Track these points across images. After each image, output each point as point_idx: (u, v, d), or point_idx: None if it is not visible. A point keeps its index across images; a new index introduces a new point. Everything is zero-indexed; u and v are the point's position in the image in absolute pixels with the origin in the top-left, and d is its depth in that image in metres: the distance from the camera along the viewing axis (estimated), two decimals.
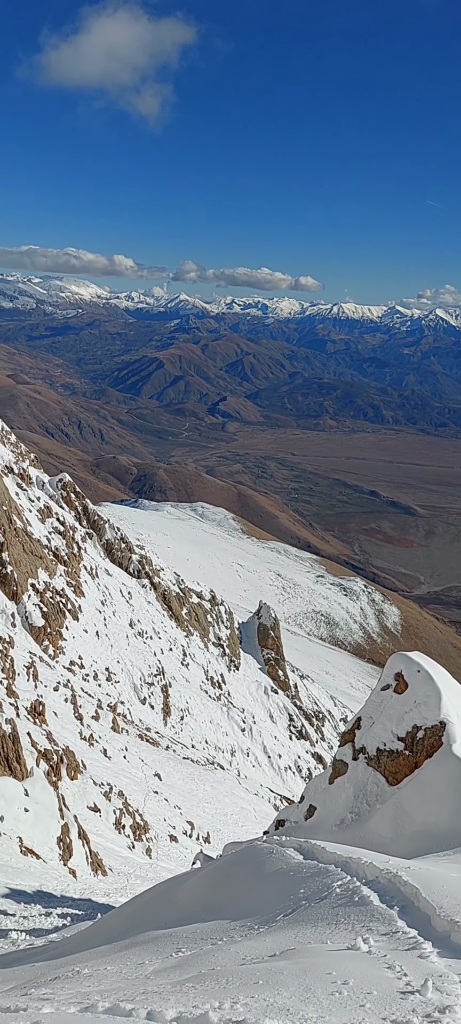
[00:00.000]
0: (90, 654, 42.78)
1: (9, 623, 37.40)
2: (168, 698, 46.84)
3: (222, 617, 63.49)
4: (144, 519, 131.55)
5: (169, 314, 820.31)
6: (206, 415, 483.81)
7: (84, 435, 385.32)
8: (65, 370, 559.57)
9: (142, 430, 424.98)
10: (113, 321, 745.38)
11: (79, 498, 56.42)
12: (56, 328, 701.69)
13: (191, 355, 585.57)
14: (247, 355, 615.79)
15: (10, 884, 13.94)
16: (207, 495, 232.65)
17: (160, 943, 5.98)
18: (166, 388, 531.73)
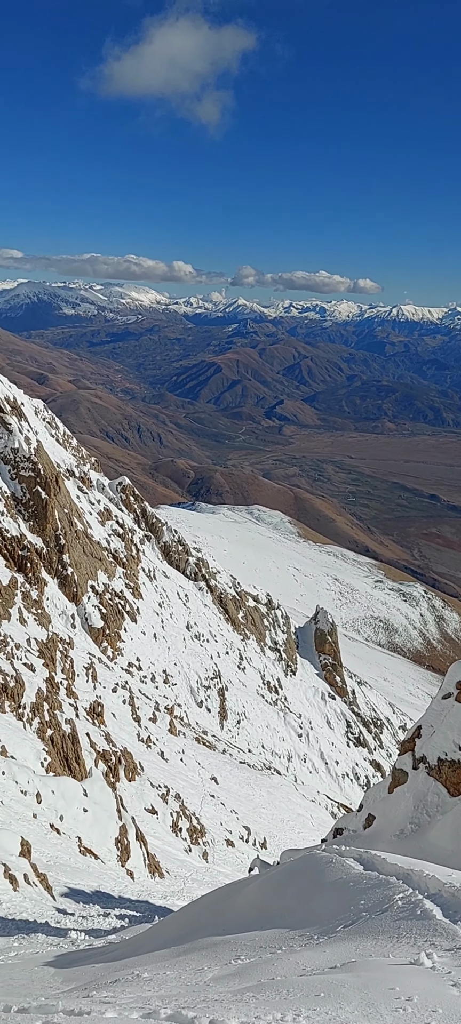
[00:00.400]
0: (148, 656, 43.20)
1: (69, 624, 38.08)
2: (225, 702, 46.92)
3: (278, 621, 63.25)
4: (201, 522, 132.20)
5: (227, 319, 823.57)
6: (263, 419, 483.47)
7: (143, 439, 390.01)
8: (125, 375, 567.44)
9: (199, 434, 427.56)
10: (172, 326, 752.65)
11: (138, 501, 57.10)
12: (117, 334, 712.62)
13: (248, 359, 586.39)
14: (304, 358, 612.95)
15: (70, 883, 14.15)
16: (263, 498, 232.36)
17: (219, 949, 5.96)
18: (223, 392, 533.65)
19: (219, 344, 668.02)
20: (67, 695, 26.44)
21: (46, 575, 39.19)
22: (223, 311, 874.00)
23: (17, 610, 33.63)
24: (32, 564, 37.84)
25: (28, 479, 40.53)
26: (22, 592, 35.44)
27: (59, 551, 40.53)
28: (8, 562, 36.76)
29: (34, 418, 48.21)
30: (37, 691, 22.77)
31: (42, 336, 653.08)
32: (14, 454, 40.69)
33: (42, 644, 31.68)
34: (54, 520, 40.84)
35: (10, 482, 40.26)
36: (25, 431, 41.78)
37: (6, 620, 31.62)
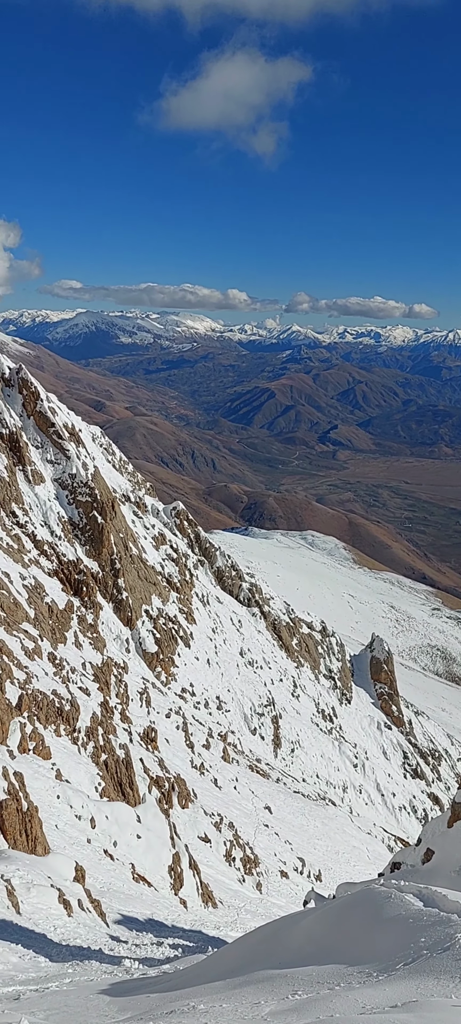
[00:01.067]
0: (201, 682, 43.21)
1: (124, 648, 38.42)
2: (278, 729, 46.52)
3: (333, 649, 62.52)
4: (254, 547, 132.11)
5: (281, 345, 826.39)
6: (317, 443, 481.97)
7: (197, 464, 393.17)
8: (180, 402, 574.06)
9: (253, 459, 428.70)
10: (226, 353, 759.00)
11: (191, 526, 57.42)
12: (172, 361, 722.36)
13: (302, 384, 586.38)
14: (359, 383, 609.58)
15: (123, 910, 14.15)
16: (317, 524, 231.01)
17: (275, 983, 5.85)
18: (277, 417, 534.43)
19: (273, 370, 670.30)
20: (121, 720, 26.61)
21: (101, 599, 39.71)
22: (277, 338, 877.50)
23: (73, 634, 34.11)
24: (88, 588, 38.39)
25: (85, 504, 41.24)
26: (78, 616, 35.96)
27: (114, 575, 41.03)
28: (65, 586, 37.38)
29: (91, 444, 49.10)
30: (92, 715, 22.98)
31: (100, 364, 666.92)
32: (72, 479, 41.49)
33: (97, 668, 32.03)
34: (110, 544, 41.41)
35: (68, 507, 41.03)
36: (83, 457, 42.58)
37: (62, 644, 32.10)
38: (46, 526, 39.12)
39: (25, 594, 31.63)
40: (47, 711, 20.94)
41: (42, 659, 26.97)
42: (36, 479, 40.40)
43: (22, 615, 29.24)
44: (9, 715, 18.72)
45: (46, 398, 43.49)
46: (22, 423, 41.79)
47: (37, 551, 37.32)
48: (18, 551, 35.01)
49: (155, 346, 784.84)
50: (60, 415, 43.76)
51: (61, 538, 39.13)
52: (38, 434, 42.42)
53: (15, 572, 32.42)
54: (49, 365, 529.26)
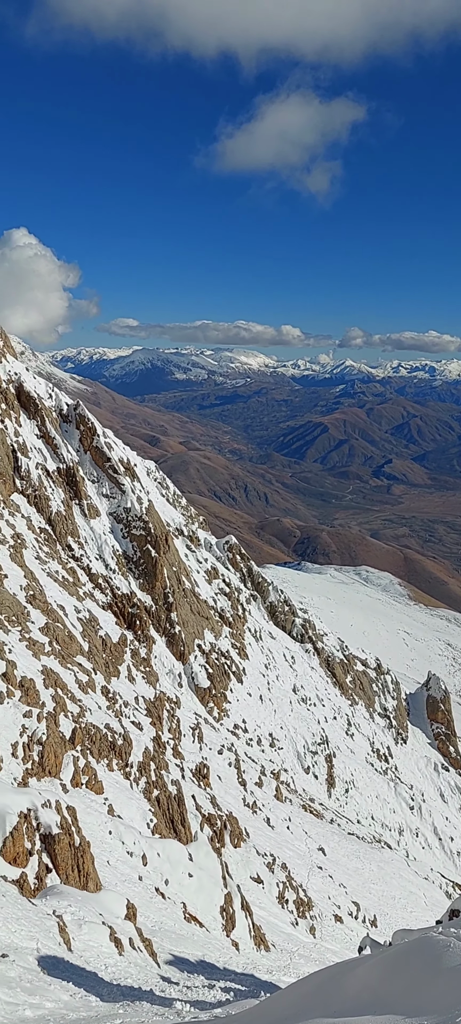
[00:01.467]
0: (254, 718, 42.81)
1: (176, 683, 38.39)
2: (332, 768, 45.66)
3: (388, 687, 61.28)
4: (307, 582, 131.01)
5: (334, 380, 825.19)
6: (370, 478, 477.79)
7: (250, 498, 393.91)
8: (233, 436, 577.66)
9: (306, 493, 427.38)
10: (279, 388, 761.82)
11: (244, 560, 57.31)
12: (225, 397, 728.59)
13: (356, 419, 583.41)
14: (414, 417, 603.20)
15: (174, 951, 13.94)
16: (372, 559, 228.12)
17: None
18: (330, 452, 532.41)
19: (326, 404, 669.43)
20: (173, 755, 26.50)
21: (154, 633, 39.85)
22: (330, 372, 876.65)
23: (126, 667, 34.27)
24: (141, 622, 38.59)
25: (139, 538, 41.61)
26: (131, 650, 36.14)
27: (167, 609, 41.16)
28: (118, 619, 37.66)
29: (146, 478, 49.66)
30: (144, 750, 22.94)
31: (155, 400, 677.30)
32: (127, 513, 41.96)
33: (150, 703, 32.05)
34: (163, 578, 41.61)
35: (122, 540, 41.47)
36: (137, 491, 43.06)
37: (115, 677, 32.26)
38: (101, 559, 39.57)
39: (80, 627, 31.96)
40: (100, 745, 20.99)
41: (95, 692, 27.12)
42: (92, 513, 40.99)
43: (76, 648, 29.52)
44: (63, 748, 18.83)
45: (102, 433, 44.23)
46: (79, 458, 42.56)
47: (92, 584, 37.75)
48: (73, 584, 35.47)
49: (209, 382, 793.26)
50: (116, 450, 44.42)
51: (115, 571, 39.51)
52: (94, 468, 43.12)
53: (70, 605, 32.82)
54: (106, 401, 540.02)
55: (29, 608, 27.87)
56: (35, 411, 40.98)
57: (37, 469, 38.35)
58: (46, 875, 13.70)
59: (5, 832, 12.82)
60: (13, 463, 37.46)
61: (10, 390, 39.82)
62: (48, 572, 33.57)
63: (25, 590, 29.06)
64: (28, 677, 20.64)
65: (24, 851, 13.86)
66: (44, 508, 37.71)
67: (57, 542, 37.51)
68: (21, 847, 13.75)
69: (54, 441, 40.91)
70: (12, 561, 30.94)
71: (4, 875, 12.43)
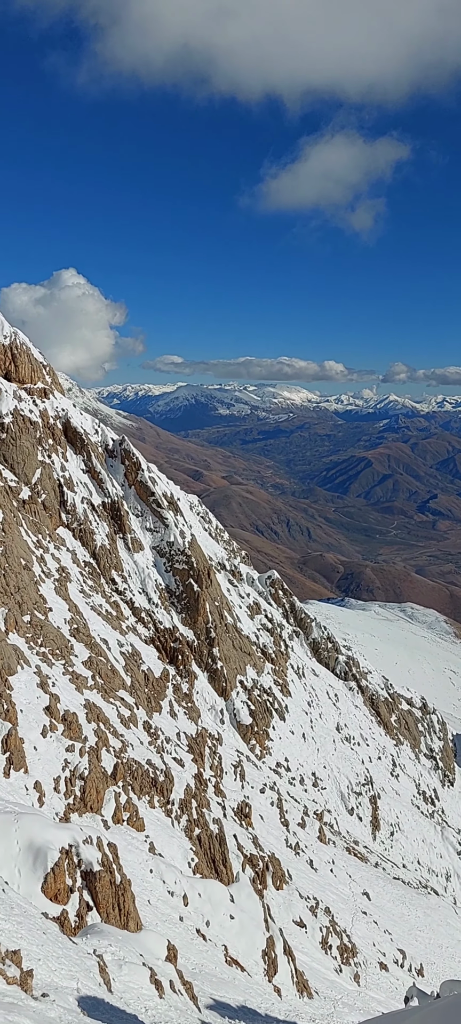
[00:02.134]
0: (296, 757, 42.19)
1: (218, 719, 38.11)
2: (377, 810, 44.63)
3: (434, 727, 59.87)
4: (351, 619, 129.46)
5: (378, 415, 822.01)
6: (415, 513, 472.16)
7: (292, 533, 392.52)
8: (275, 471, 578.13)
9: (349, 528, 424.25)
10: (322, 423, 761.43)
11: (286, 595, 56.93)
12: (268, 432, 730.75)
13: (400, 454, 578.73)
14: (459, 452, 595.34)
15: (215, 995, 13.65)
16: (416, 596, 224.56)
17: None
18: (374, 487, 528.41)
19: (369, 439, 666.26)
20: (215, 793, 26.21)
21: (196, 668, 39.72)
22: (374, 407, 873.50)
23: (168, 703, 34.17)
24: (183, 656, 38.52)
25: (182, 572, 41.69)
26: (173, 684, 36.05)
27: (209, 644, 41.02)
28: (161, 654, 37.67)
29: (189, 513, 49.86)
30: (186, 787, 22.74)
31: (198, 435, 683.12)
32: (169, 547, 42.12)
33: (191, 739, 31.85)
34: (205, 613, 41.54)
35: (165, 574, 41.59)
36: (180, 525, 43.23)
37: (157, 712, 32.18)
38: (144, 593, 39.74)
39: (122, 661, 32.04)
40: (141, 781, 20.88)
41: (137, 728, 27.08)
42: (135, 547, 41.26)
43: (119, 682, 29.57)
44: (104, 784, 18.78)
45: (147, 468, 44.64)
46: (124, 492, 42.99)
47: (135, 618, 37.89)
48: (116, 618, 35.64)
49: (252, 417, 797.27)
50: (160, 484, 44.76)
51: (158, 605, 39.61)
52: (138, 503, 43.48)
53: (113, 639, 32.95)
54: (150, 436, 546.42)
55: (73, 641, 28.06)
56: (81, 446, 41.60)
57: (82, 503, 38.83)
58: (87, 913, 13.59)
59: (47, 868, 12.78)
60: (59, 497, 38.01)
61: (57, 426, 40.54)
62: (92, 606, 33.81)
63: (69, 623, 29.29)
64: (71, 711, 20.71)
65: (65, 888, 13.80)
66: (89, 542, 38.10)
67: (101, 576, 37.81)
68: (62, 884, 13.70)
69: (99, 476, 41.43)
70: (57, 594, 31.26)
71: (45, 912, 12.37)
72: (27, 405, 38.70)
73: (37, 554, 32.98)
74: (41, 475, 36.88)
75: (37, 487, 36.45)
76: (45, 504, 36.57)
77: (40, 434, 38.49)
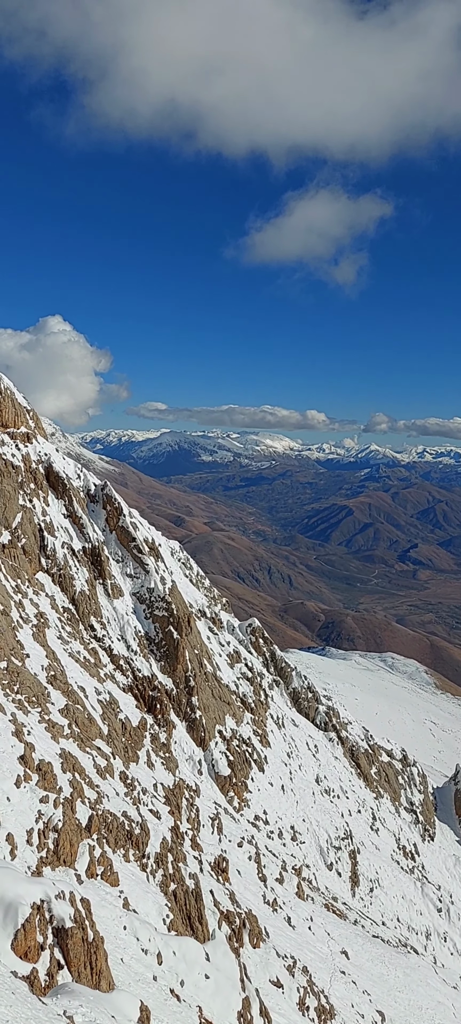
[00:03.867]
0: (275, 809, 41.67)
1: (196, 770, 37.63)
2: (356, 866, 44.07)
3: (415, 779, 59.49)
4: (331, 668, 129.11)
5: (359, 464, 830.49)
6: (396, 562, 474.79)
7: (273, 580, 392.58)
8: (257, 518, 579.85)
9: (330, 576, 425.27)
10: (304, 471, 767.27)
11: (267, 644, 56.70)
12: (250, 479, 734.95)
13: (381, 503, 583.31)
14: (439, 502, 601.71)
15: None
16: (397, 645, 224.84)
17: None
18: (355, 535, 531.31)
19: (351, 488, 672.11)
20: (192, 847, 25.76)
21: (175, 717, 39.29)
22: (355, 456, 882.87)
23: (145, 753, 33.73)
24: (162, 705, 38.12)
25: (161, 619, 41.44)
26: (151, 734, 35.62)
27: (188, 693, 40.66)
28: (139, 702, 37.26)
29: (170, 559, 49.73)
30: (162, 840, 22.34)
31: (181, 481, 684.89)
32: (150, 594, 41.92)
33: (168, 790, 31.40)
34: (185, 661, 41.24)
35: (144, 621, 41.32)
36: (161, 571, 43.09)
37: (134, 762, 31.74)
38: (123, 640, 39.40)
39: (99, 709, 31.64)
40: (117, 834, 20.50)
41: (114, 778, 26.66)
42: (115, 593, 41.01)
43: (96, 731, 29.16)
44: (79, 836, 18.41)
45: (128, 513, 44.57)
46: (105, 537, 42.83)
47: (113, 666, 37.51)
48: (94, 665, 35.27)
49: (234, 464, 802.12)
50: (141, 530, 44.67)
51: (137, 653, 39.27)
52: (119, 548, 43.32)
53: (91, 687, 32.57)
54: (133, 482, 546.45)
55: (50, 689, 27.70)
56: (63, 491, 41.51)
57: (63, 548, 38.62)
58: (57, 972, 13.23)
59: (17, 924, 12.46)
60: (39, 542, 37.80)
61: (40, 470, 40.46)
62: (70, 652, 33.45)
63: (46, 670, 28.94)
64: (46, 760, 20.36)
65: (36, 945, 13.44)
66: (68, 587, 37.83)
67: (80, 622, 37.49)
68: (33, 941, 13.35)
69: (81, 520, 41.30)
70: (35, 640, 30.92)
71: (15, 970, 12.03)
72: (9, 449, 38.62)
73: (15, 599, 32.66)
74: (22, 519, 36.69)
75: (17, 531, 36.23)
76: (25, 549, 36.33)
77: (22, 478, 38.38)
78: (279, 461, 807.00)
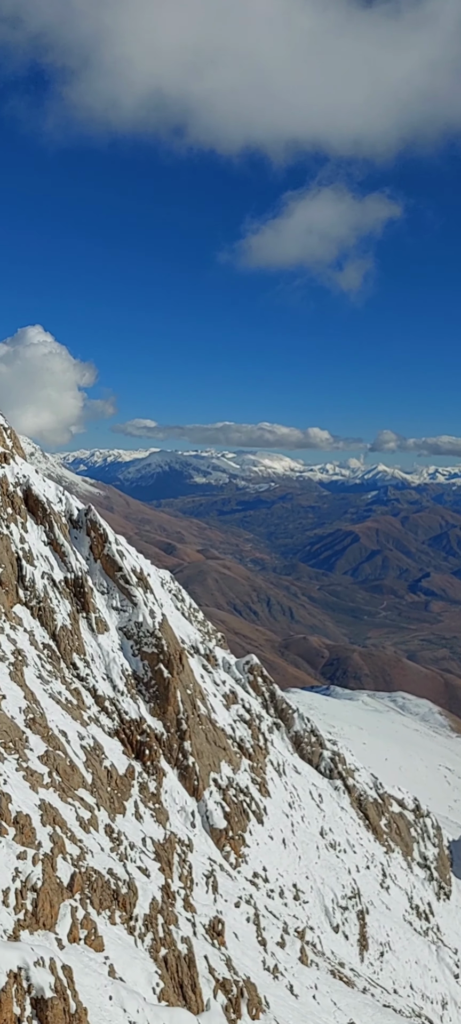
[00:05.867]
0: (276, 866, 41.38)
1: (188, 823, 37.38)
2: (365, 927, 43.73)
3: (428, 832, 59.19)
4: (337, 709, 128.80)
5: (366, 486, 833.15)
6: (406, 593, 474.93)
7: (273, 613, 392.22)
8: (255, 544, 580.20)
9: (335, 608, 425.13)
10: (306, 494, 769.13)
11: (266, 683, 56.56)
12: (247, 502, 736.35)
13: (390, 528, 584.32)
14: (453, 528, 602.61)
15: None
16: (408, 684, 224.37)
17: None
18: (362, 563, 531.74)
19: (357, 512, 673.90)
20: (184, 907, 25.55)
21: (165, 764, 39.07)
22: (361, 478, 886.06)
23: (133, 803, 33.51)
24: (151, 751, 37.91)
25: (150, 656, 41.30)
26: (139, 783, 35.40)
27: (180, 737, 40.46)
28: (126, 748, 37.05)
29: (160, 590, 49.68)
30: (151, 901, 22.15)
31: (172, 505, 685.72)
32: (138, 628, 41.80)
33: (159, 845, 31.17)
34: (176, 702, 41.07)
35: (132, 659, 41.18)
36: (150, 604, 43.01)
37: (121, 814, 31.52)
38: (108, 679, 39.23)
39: (83, 756, 31.43)
40: (101, 894, 20.33)
41: (98, 832, 26.44)
42: (100, 627, 40.89)
43: (78, 780, 28.95)
44: (60, 896, 18.25)
45: (114, 540, 44.54)
46: (88, 567, 42.76)
47: (97, 707, 37.32)
48: (77, 707, 35.08)
49: (230, 486, 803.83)
50: (128, 558, 44.62)
51: (124, 693, 39.10)
52: (104, 579, 43.24)
53: (73, 731, 32.37)
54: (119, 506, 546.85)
55: (28, 733, 27.52)
56: (43, 516, 41.48)
57: (43, 579, 38.53)
58: None
59: None
60: (17, 572, 37.71)
61: (18, 493, 40.46)
62: (50, 693, 33.28)
63: (24, 713, 28.77)
64: (24, 812, 20.20)
65: (12, 1018, 13.30)
66: (48, 622, 37.70)
67: (61, 659, 37.33)
68: (9, 1013, 13.20)
69: (62, 548, 41.24)
70: (12, 680, 30.76)
71: None
72: None
73: None
74: None
75: None
76: (1, 579, 36.24)
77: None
78: (279, 483, 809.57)
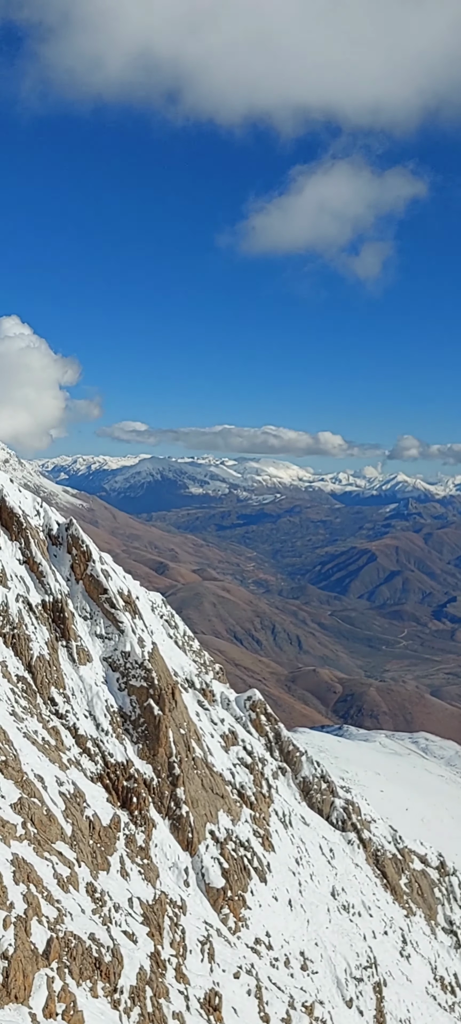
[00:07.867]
0: (281, 931, 41.22)
1: (181, 881, 37.24)
2: (382, 1002, 43.53)
3: (455, 892, 59.08)
4: (350, 752, 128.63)
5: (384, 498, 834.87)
6: (430, 620, 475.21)
7: (278, 642, 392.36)
8: (258, 564, 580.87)
9: (349, 637, 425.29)
10: (316, 507, 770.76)
11: (271, 722, 56.51)
12: (250, 516, 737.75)
13: (411, 546, 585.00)
14: None
15: None
16: (432, 723, 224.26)
17: None
18: (379, 586, 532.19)
19: (374, 527, 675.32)
20: (176, 978, 25.43)
21: (155, 814, 38.95)
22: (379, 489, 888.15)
23: (118, 859, 33.37)
24: (139, 799, 37.80)
25: (139, 690, 41.23)
26: (126, 835, 35.27)
27: (172, 783, 40.35)
28: (110, 795, 36.93)
29: (150, 615, 49.67)
30: (138, 970, 22.05)
31: (164, 518, 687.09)
32: (125, 659, 41.74)
33: (147, 906, 31.02)
34: (168, 744, 40.98)
35: (118, 693, 41.11)
36: (139, 631, 42.99)
37: (104, 871, 31.37)
38: (91, 717, 39.15)
39: (61, 804, 31.31)
40: (82, 962, 20.23)
41: (79, 891, 26.34)
42: (82, 658, 40.82)
43: (56, 832, 28.83)
44: (34, 965, 18.16)
45: (99, 559, 44.55)
46: (69, 589, 42.74)
47: (78, 749, 37.23)
48: (56, 748, 34.99)
49: (230, 497, 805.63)
50: (115, 579, 44.61)
51: (109, 733, 39.01)
52: (87, 602, 43.21)
53: (50, 776, 32.26)
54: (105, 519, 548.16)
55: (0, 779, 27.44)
56: (19, 531, 41.50)
57: (17, 602, 38.51)
58: None
59: None
60: None
61: None
62: (25, 732, 33.19)
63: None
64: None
65: None
66: (23, 651, 37.64)
67: (38, 694, 37.25)
68: None
69: (40, 568, 41.23)
70: None
71: None
72: None
73: None
74: None
75: None
76: None
77: None
78: (285, 494, 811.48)
